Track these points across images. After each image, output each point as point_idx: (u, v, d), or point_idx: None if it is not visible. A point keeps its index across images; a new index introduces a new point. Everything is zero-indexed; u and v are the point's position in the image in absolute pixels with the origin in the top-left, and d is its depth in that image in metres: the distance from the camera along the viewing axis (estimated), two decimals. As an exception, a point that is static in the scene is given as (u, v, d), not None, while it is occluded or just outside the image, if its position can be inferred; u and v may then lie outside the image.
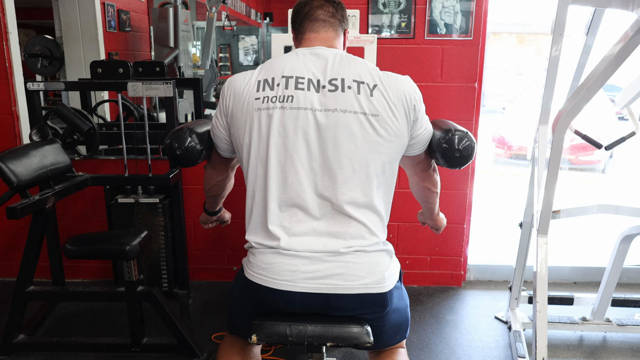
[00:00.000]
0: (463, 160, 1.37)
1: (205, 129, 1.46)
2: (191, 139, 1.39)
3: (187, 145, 1.39)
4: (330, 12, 1.39)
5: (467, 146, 1.36)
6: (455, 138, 1.35)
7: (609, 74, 1.46)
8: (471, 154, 1.37)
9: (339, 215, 1.27)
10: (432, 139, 1.41)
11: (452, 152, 1.35)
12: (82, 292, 2.20)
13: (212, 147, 1.47)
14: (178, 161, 1.42)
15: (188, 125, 1.44)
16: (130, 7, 4.49)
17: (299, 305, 1.26)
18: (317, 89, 1.27)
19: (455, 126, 1.41)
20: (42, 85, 2.35)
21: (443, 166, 1.42)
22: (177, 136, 1.40)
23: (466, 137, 1.36)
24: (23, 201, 1.91)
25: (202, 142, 1.42)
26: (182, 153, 1.40)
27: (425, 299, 2.75)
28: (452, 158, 1.36)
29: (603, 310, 2.32)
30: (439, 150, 1.38)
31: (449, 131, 1.37)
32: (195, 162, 1.44)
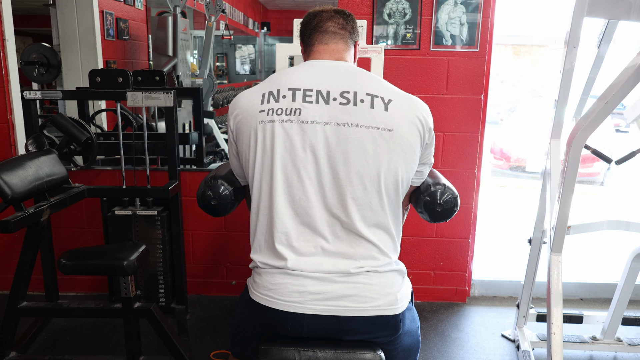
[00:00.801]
0: (445, 214, 1.34)
1: (229, 170, 1.44)
2: (224, 187, 1.37)
3: (222, 193, 1.36)
4: (340, 24, 1.34)
5: (449, 200, 1.33)
6: (437, 192, 1.33)
7: (630, 87, 1.42)
8: (453, 207, 1.34)
9: (349, 234, 1.21)
10: (418, 189, 1.40)
11: (434, 205, 1.33)
12: (77, 308, 2.12)
13: (241, 192, 1.44)
14: (214, 211, 1.39)
15: (217, 173, 1.42)
16: (129, 16, 4.44)
17: (308, 328, 1.19)
18: (327, 101, 1.21)
19: (442, 180, 1.39)
20: (38, 93, 2.28)
21: (426, 219, 1.40)
22: (211, 186, 1.37)
23: (449, 193, 1.34)
24: (17, 214, 1.84)
25: (232, 187, 1.40)
26: (216, 203, 1.37)
27: (429, 315, 2.68)
28: (433, 212, 1.34)
29: (614, 330, 2.26)
30: (422, 200, 1.35)
31: (434, 184, 1.36)
32: (229, 211, 1.41)
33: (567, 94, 1.87)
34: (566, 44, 1.79)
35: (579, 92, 2.16)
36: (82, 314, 2.15)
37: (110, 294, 2.58)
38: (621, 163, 2.12)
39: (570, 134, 1.63)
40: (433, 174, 1.43)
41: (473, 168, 2.64)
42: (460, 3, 2.46)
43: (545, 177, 2.07)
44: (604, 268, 3.50)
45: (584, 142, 1.58)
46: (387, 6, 2.48)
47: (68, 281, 2.78)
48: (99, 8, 3.83)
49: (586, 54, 2.09)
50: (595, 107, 1.51)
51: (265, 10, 10.11)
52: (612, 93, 1.44)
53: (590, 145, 2.00)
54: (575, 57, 1.79)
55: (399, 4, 2.48)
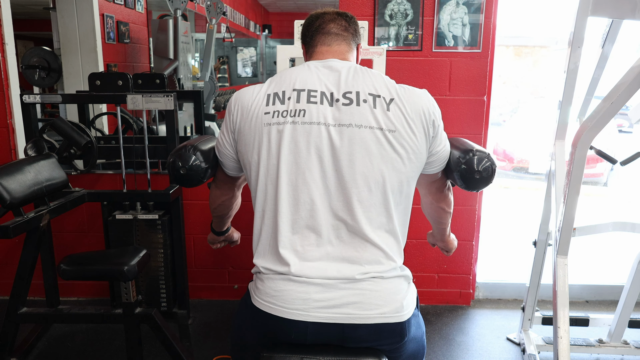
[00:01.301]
0: (483, 182, 1.29)
1: (210, 145, 1.37)
2: (195, 157, 1.30)
3: (192, 163, 1.30)
4: (343, 26, 1.32)
5: (487, 167, 1.28)
6: (474, 159, 1.27)
7: (636, 87, 1.39)
8: (491, 176, 1.29)
9: (354, 238, 1.18)
10: (450, 159, 1.33)
11: (471, 173, 1.27)
12: (77, 314, 2.10)
13: (217, 166, 1.39)
14: (182, 181, 1.33)
15: (191, 142, 1.36)
16: (130, 19, 4.43)
17: (311, 336, 1.16)
18: (331, 102, 1.19)
19: (475, 146, 1.33)
20: (38, 97, 2.27)
21: (461, 187, 1.34)
22: (181, 154, 1.31)
23: (486, 158, 1.28)
24: (16, 219, 1.82)
25: (207, 160, 1.33)
26: (186, 172, 1.31)
27: (433, 318, 2.66)
28: (471, 180, 1.28)
29: (620, 332, 2.23)
30: (457, 170, 1.29)
31: (468, 151, 1.29)
32: (200, 182, 1.35)
33: (571, 95, 1.84)
34: (570, 44, 1.77)
35: (582, 93, 2.13)
36: (83, 319, 2.13)
37: (112, 298, 2.56)
38: (626, 164, 2.09)
39: (575, 134, 1.61)
40: (458, 141, 1.38)
41: (476, 170, 2.62)
42: (462, 4, 2.45)
43: (550, 179, 2.05)
44: (609, 270, 3.47)
45: (590, 143, 1.56)
46: (388, 7, 2.47)
47: (69, 286, 2.76)
48: (99, 11, 3.82)
49: (590, 54, 2.07)
50: (600, 107, 1.48)
51: (266, 12, 10.11)
52: (618, 93, 1.42)
53: (594, 145, 1.98)
54: (579, 57, 1.76)
55: (400, 5, 2.46)
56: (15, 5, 2.63)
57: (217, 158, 1.36)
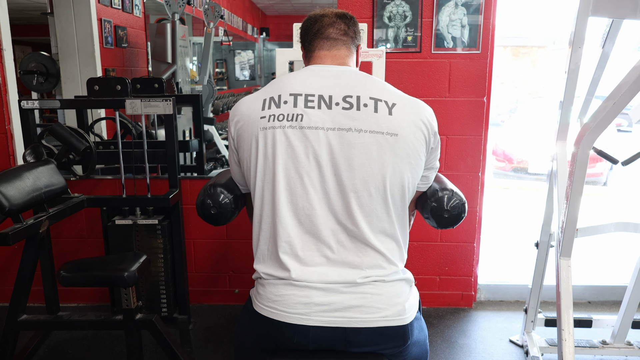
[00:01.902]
0: (452, 220, 1.31)
1: (230, 177, 1.41)
2: (224, 195, 1.33)
3: (222, 202, 1.32)
4: (342, 30, 1.31)
5: (456, 205, 1.30)
6: (445, 197, 1.30)
7: (639, 86, 1.38)
8: (460, 213, 1.31)
9: (354, 242, 1.18)
10: (426, 193, 1.37)
11: (441, 211, 1.30)
12: (77, 320, 2.09)
13: (242, 200, 1.40)
14: (214, 220, 1.35)
15: (216, 181, 1.38)
16: (128, 23, 4.43)
17: (314, 340, 1.16)
18: (329, 106, 1.18)
19: (448, 185, 1.35)
20: (36, 103, 2.26)
21: (432, 226, 1.36)
22: (210, 194, 1.33)
23: (456, 198, 1.30)
24: (15, 226, 1.81)
25: (232, 195, 1.36)
26: (216, 212, 1.33)
27: (435, 321, 2.64)
28: (441, 218, 1.31)
29: (624, 333, 2.22)
30: (428, 207, 1.32)
31: (441, 190, 1.32)
32: (230, 219, 1.37)
33: (572, 95, 1.84)
34: (571, 44, 1.76)
35: (583, 93, 2.13)
36: (83, 326, 2.11)
37: (112, 304, 2.54)
38: (628, 164, 2.08)
39: (577, 135, 1.60)
40: (439, 178, 1.40)
41: (477, 171, 2.61)
42: (461, 5, 2.44)
43: (552, 179, 2.04)
44: (611, 270, 3.46)
45: (593, 143, 1.55)
46: (387, 9, 2.46)
47: (69, 292, 2.74)
48: (97, 16, 3.81)
49: (590, 54, 2.06)
50: (603, 107, 1.48)
51: (264, 15, 10.11)
52: (620, 93, 1.41)
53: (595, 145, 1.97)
54: (580, 57, 1.76)
55: (399, 7, 2.46)
56: (12, 11, 2.63)
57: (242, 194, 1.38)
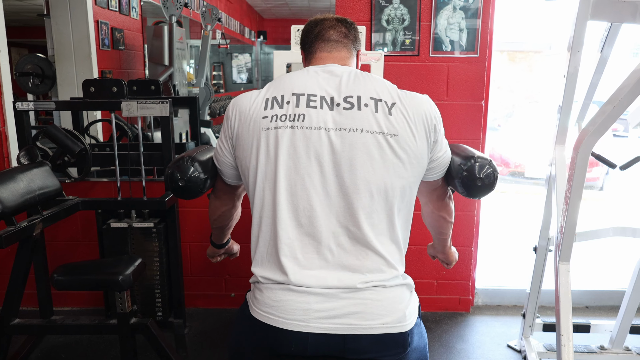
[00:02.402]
0: (484, 189, 1.27)
1: (208, 156, 1.35)
2: (194, 168, 1.27)
3: (191, 175, 1.27)
4: (343, 33, 1.30)
5: (489, 174, 1.26)
6: (476, 166, 1.25)
7: (638, 90, 1.38)
8: (493, 183, 1.27)
9: (355, 245, 1.16)
10: (451, 166, 1.31)
11: (473, 180, 1.25)
12: (71, 324, 2.06)
13: (216, 176, 1.36)
14: (181, 193, 1.30)
15: (189, 153, 1.33)
16: (124, 25, 4.41)
17: (312, 347, 1.13)
18: (331, 106, 1.17)
19: (476, 152, 1.31)
20: (31, 104, 2.24)
21: (462, 195, 1.32)
22: (179, 166, 1.28)
23: (488, 165, 1.26)
24: (8, 229, 1.78)
25: (205, 170, 1.30)
26: (185, 184, 1.28)
27: (433, 325, 2.63)
28: (472, 187, 1.26)
29: (622, 339, 2.20)
30: (459, 177, 1.27)
31: (469, 158, 1.27)
32: (200, 194, 1.32)
33: (571, 99, 1.83)
34: (569, 48, 1.76)
35: (581, 98, 2.12)
36: (77, 330, 2.09)
37: (106, 308, 2.52)
38: (626, 168, 2.08)
39: (577, 139, 1.59)
40: (459, 147, 1.35)
41: (475, 175, 2.60)
42: (459, 8, 2.44)
43: (551, 184, 2.03)
44: (608, 275, 3.45)
45: (592, 147, 1.54)
46: (385, 12, 2.46)
47: (63, 296, 2.71)
48: (93, 18, 3.79)
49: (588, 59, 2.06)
50: (602, 112, 1.47)
51: (261, 19, 10.11)
52: (620, 97, 1.40)
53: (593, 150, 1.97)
54: (579, 61, 1.75)
55: (397, 10, 2.45)
56: (9, 13, 2.61)
57: (216, 168, 1.33)
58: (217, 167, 1.33)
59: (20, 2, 6.28)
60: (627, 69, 1.52)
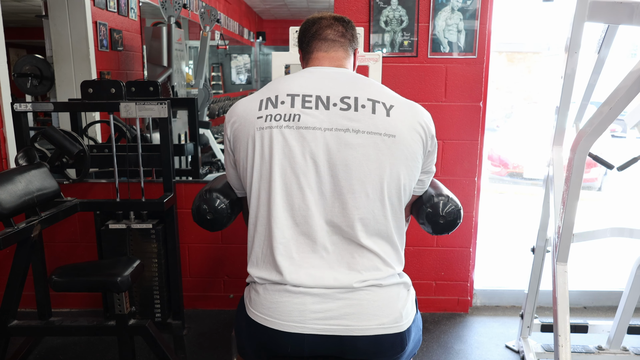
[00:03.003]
0: (447, 226, 1.31)
1: (226, 182, 1.40)
2: (220, 200, 1.32)
3: (218, 207, 1.32)
4: (340, 32, 1.31)
5: (451, 212, 1.29)
6: (440, 203, 1.30)
7: (635, 91, 1.38)
8: (456, 219, 1.30)
9: (350, 244, 1.16)
10: (419, 200, 1.36)
11: (436, 217, 1.30)
12: (69, 326, 2.06)
13: (238, 205, 1.39)
14: (210, 226, 1.34)
15: (212, 186, 1.37)
16: (123, 26, 4.41)
17: (309, 348, 1.14)
18: (327, 107, 1.17)
19: (444, 191, 1.35)
20: (29, 106, 2.24)
21: (428, 232, 1.36)
22: (206, 199, 1.32)
23: (451, 203, 1.30)
24: (6, 230, 1.78)
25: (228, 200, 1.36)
26: (212, 217, 1.32)
27: (431, 326, 2.63)
28: (436, 224, 1.31)
29: (620, 339, 2.21)
30: (423, 212, 1.32)
31: (436, 195, 1.32)
32: (226, 225, 1.36)
33: (568, 100, 1.84)
34: (567, 50, 1.76)
35: (578, 99, 2.13)
36: (75, 332, 2.09)
37: (105, 310, 2.52)
38: (623, 169, 2.08)
39: (574, 140, 1.60)
40: (435, 184, 1.39)
41: (473, 176, 2.61)
42: (458, 10, 2.44)
43: (548, 185, 2.03)
44: (606, 275, 3.46)
45: (589, 148, 1.55)
46: (383, 14, 2.46)
47: (61, 297, 2.71)
48: (92, 19, 3.79)
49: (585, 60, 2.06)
50: (599, 112, 1.47)
51: (260, 20, 10.11)
52: (617, 98, 1.41)
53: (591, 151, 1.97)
54: (576, 62, 1.76)
55: (395, 12, 2.46)
56: (7, 13, 2.61)
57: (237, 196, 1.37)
58: (233, 189, 1.37)
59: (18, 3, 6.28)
60: (624, 69, 1.53)
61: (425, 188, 1.35)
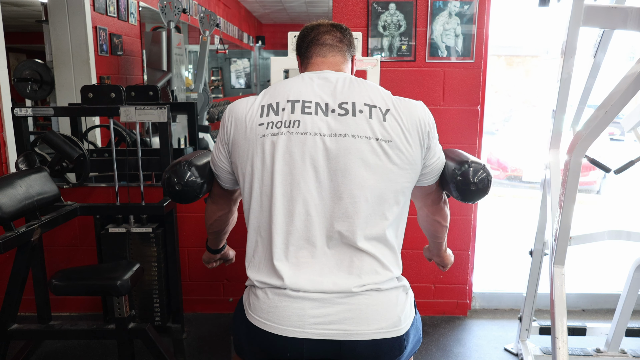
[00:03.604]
0: (479, 193, 1.29)
1: (205, 160, 1.37)
2: (191, 172, 1.30)
3: (187, 179, 1.29)
4: (338, 37, 1.33)
5: (483, 179, 1.27)
6: (470, 170, 1.27)
7: (630, 95, 1.40)
8: (487, 187, 1.29)
9: (349, 249, 1.17)
10: (445, 170, 1.33)
11: (467, 185, 1.27)
12: (69, 330, 2.07)
13: (212, 181, 1.38)
14: (178, 197, 1.32)
15: (186, 158, 1.35)
16: (123, 31, 4.43)
17: (308, 353, 1.14)
18: (326, 112, 1.19)
19: (470, 157, 1.33)
20: (30, 110, 2.25)
21: (457, 199, 1.34)
22: (176, 170, 1.30)
23: (482, 170, 1.28)
24: (7, 234, 1.79)
25: (202, 175, 1.32)
26: (181, 188, 1.30)
27: (430, 329, 2.64)
28: (467, 191, 1.28)
29: (618, 341, 2.22)
30: (453, 182, 1.29)
31: (463, 163, 1.29)
32: (196, 198, 1.34)
33: (565, 104, 1.85)
34: (563, 54, 1.78)
35: (575, 102, 2.14)
36: (75, 335, 2.09)
37: (104, 313, 2.52)
38: (620, 172, 2.10)
39: (570, 143, 1.61)
40: (453, 152, 1.37)
41: (471, 179, 2.61)
42: (455, 14, 2.46)
43: (545, 188, 2.05)
44: (605, 278, 3.47)
45: (585, 151, 1.56)
46: (381, 18, 2.48)
47: (61, 301, 2.72)
48: (92, 24, 3.81)
49: (582, 64, 2.08)
50: (595, 116, 1.49)
51: (259, 24, 10.15)
52: (612, 102, 1.42)
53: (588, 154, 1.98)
54: (572, 66, 1.77)
55: (393, 16, 2.47)
56: (7, 18, 2.62)
57: (213, 173, 1.35)
58: (213, 172, 1.35)
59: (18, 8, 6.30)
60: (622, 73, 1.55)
61: (434, 179, 1.32)
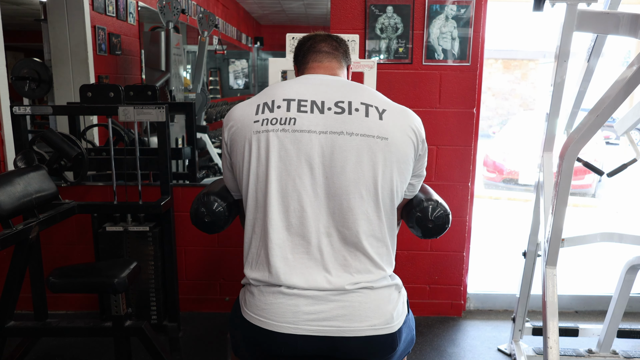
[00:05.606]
0: (436, 230, 1.34)
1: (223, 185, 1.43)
2: (218, 203, 1.35)
3: (215, 210, 1.35)
4: (334, 46, 1.39)
5: (440, 216, 1.33)
6: (429, 207, 1.33)
7: (621, 100, 1.43)
8: (444, 224, 1.34)
9: (344, 246, 1.19)
10: (409, 204, 1.39)
11: (425, 221, 1.33)
12: (66, 327, 2.08)
13: (235, 207, 1.43)
14: (207, 228, 1.38)
15: (210, 189, 1.41)
16: (122, 31, 4.44)
17: (301, 349, 1.17)
18: (322, 110, 1.21)
19: (431, 194, 1.39)
20: (28, 109, 2.26)
21: (416, 235, 1.40)
22: (204, 202, 1.35)
23: (439, 207, 1.34)
24: (5, 232, 1.80)
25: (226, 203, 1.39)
26: (210, 220, 1.35)
27: (424, 330, 2.66)
28: (425, 228, 1.34)
29: (609, 342, 2.24)
30: (412, 217, 1.35)
31: (423, 200, 1.35)
32: (224, 227, 1.39)
33: (558, 107, 1.88)
34: (556, 58, 1.81)
35: (569, 106, 2.17)
36: (72, 333, 2.10)
37: (101, 311, 2.54)
38: (613, 175, 2.13)
39: (562, 146, 1.64)
40: (425, 189, 1.43)
41: (467, 181, 2.64)
42: (452, 18, 2.49)
43: (539, 190, 2.07)
44: (598, 280, 3.50)
45: (577, 154, 1.59)
46: (379, 21, 2.50)
47: (57, 299, 2.73)
48: (91, 23, 3.82)
49: (576, 68, 2.11)
50: (586, 120, 1.52)
51: (258, 25, 10.16)
52: (603, 106, 1.45)
53: (582, 157, 2.01)
54: (565, 71, 1.80)
55: (390, 19, 2.50)
56: (5, 17, 2.63)
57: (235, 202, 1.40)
58: (229, 190, 1.40)
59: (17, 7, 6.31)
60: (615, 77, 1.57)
61: (415, 192, 1.38)
